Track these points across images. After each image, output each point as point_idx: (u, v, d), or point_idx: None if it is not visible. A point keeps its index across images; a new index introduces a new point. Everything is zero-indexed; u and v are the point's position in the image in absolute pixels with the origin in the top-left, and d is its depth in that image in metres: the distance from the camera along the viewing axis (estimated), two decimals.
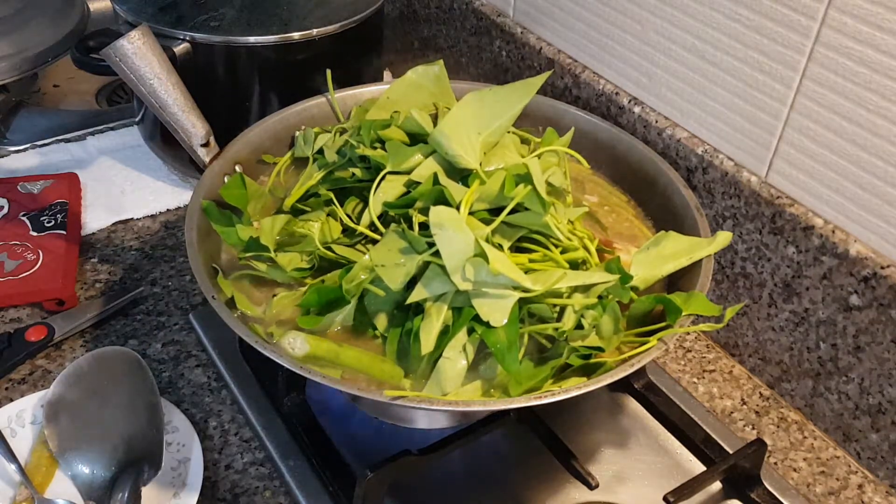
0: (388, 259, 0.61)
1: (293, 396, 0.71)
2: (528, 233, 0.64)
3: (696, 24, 0.77)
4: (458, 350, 0.59)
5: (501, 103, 0.70)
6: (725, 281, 0.81)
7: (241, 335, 0.58)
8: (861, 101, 0.66)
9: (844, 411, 0.73)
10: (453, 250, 0.59)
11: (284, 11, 0.92)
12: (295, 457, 0.69)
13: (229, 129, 0.78)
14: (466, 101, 0.69)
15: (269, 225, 0.67)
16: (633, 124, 0.86)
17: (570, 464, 0.67)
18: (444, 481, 0.70)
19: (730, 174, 0.77)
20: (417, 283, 0.60)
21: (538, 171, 0.64)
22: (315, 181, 0.72)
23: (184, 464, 0.68)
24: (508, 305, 0.58)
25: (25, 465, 0.68)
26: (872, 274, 0.67)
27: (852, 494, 0.71)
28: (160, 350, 0.80)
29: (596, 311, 0.61)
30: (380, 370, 0.61)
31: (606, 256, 0.66)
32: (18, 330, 0.79)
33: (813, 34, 0.68)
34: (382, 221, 0.67)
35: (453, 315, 0.60)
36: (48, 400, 0.70)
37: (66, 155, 1.05)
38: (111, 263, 0.90)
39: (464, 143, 0.66)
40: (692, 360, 0.83)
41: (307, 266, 0.67)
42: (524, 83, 0.71)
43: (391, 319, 0.63)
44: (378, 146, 0.71)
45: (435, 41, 1.14)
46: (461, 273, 0.58)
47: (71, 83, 1.23)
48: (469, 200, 0.63)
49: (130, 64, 0.70)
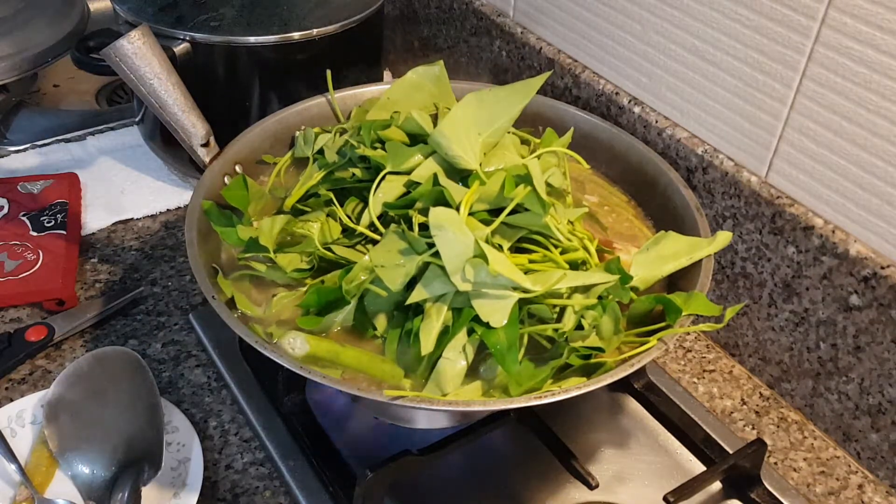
0: (387, 260, 0.61)
1: (293, 396, 0.72)
2: (528, 233, 0.64)
3: (696, 24, 0.77)
4: (458, 351, 0.59)
5: (501, 104, 0.70)
6: (725, 281, 0.81)
7: (241, 335, 0.58)
8: (861, 101, 0.66)
9: (844, 411, 0.73)
10: (453, 251, 0.59)
11: (284, 11, 0.92)
12: (295, 457, 0.69)
13: (229, 129, 0.78)
14: (466, 101, 0.69)
15: (268, 225, 0.67)
16: (633, 124, 0.86)
17: (570, 464, 0.67)
18: (444, 481, 0.70)
19: (730, 174, 0.77)
20: (417, 283, 0.60)
21: (538, 171, 0.63)
22: (315, 181, 0.72)
23: (184, 464, 0.68)
24: (508, 306, 0.58)
25: (25, 465, 0.68)
26: (872, 274, 0.67)
27: (852, 494, 0.71)
28: (160, 350, 0.80)
29: (596, 311, 0.61)
30: (380, 370, 0.61)
31: (606, 256, 0.66)
32: (18, 330, 0.79)
33: (813, 34, 0.68)
34: (382, 222, 0.67)
35: (453, 316, 0.60)
36: (48, 400, 0.70)
37: (66, 155, 1.05)
38: (111, 263, 0.90)
39: (463, 144, 0.66)
40: (692, 360, 0.83)
41: (307, 267, 0.67)
42: (524, 84, 0.71)
43: (391, 320, 0.63)
44: (378, 146, 0.71)
45: (435, 41, 1.14)
46: (461, 274, 0.58)
47: (71, 83, 1.23)
48: (469, 201, 0.63)
49: (130, 64, 0.70)
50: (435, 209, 0.60)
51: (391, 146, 0.69)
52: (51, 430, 0.69)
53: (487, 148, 0.69)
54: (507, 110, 0.70)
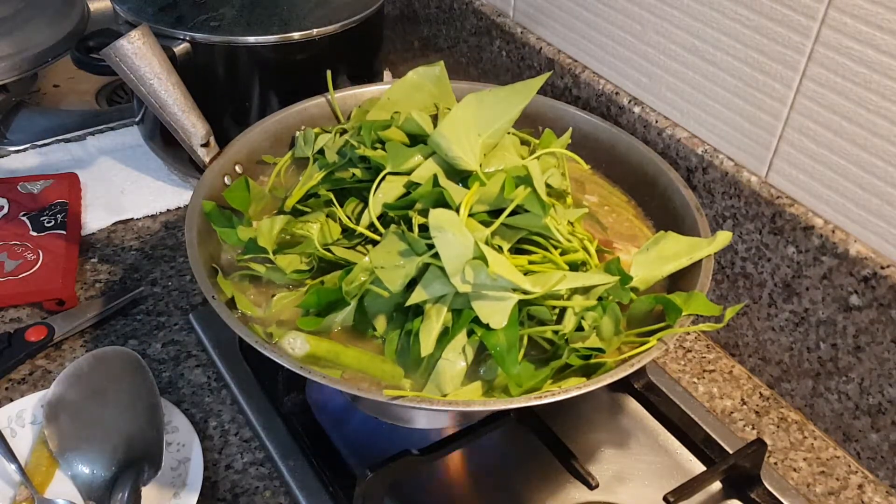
0: (387, 261, 0.61)
1: (293, 396, 0.72)
2: (528, 234, 0.64)
3: (696, 24, 0.77)
4: (458, 352, 0.60)
5: (501, 105, 0.70)
6: (725, 281, 0.81)
7: (241, 335, 0.58)
8: (861, 101, 0.66)
9: (844, 411, 0.73)
10: (453, 253, 0.59)
11: (284, 11, 0.92)
12: (295, 457, 0.69)
13: (229, 129, 0.78)
14: (466, 102, 0.69)
15: (266, 227, 0.67)
16: (633, 124, 0.86)
17: (570, 464, 0.67)
18: (444, 481, 0.70)
19: (730, 174, 0.77)
20: (417, 284, 0.60)
21: (538, 173, 0.63)
22: (315, 182, 0.72)
23: (184, 464, 0.68)
24: (508, 308, 0.58)
25: (25, 465, 0.68)
26: (872, 274, 0.67)
27: (852, 494, 0.71)
28: (160, 350, 0.80)
29: (596, 312, 0.61)
30: (380, 370, 0.61)
31: (606, 257, 0.66)
32: (18, 330, 0.79)
33: (813, 34, 0.68)
34: (382, 222, 0.67)
35: (453, 317, 0.60)
36: (48, 400, 0.70)
37: (66, 155, 1.05)
38: (111, 263, 0.90)
39: (463, 145, 0.66)
40: (692, 360, 0.83)
41: (306, 268, 0.67)
42: (524, 84, 0.71)
43: (391, 321, 0.63)
44: (378, 147, 0.71)
45: (435, 41, 1.14)
46: (461, 276, 0.58)
47: (71, 83, 1.23)
48: (469, 203, 0.63)
49: (130, 64, 0.70)
50: (435, 210, 0.60)
51: (391, 146, 0.69)
52: (51, 430, 0.69)
53: (487, 149, 0.69)
54: (507, 111, 0.70)
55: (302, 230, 0.67)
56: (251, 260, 0.68)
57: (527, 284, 0.59)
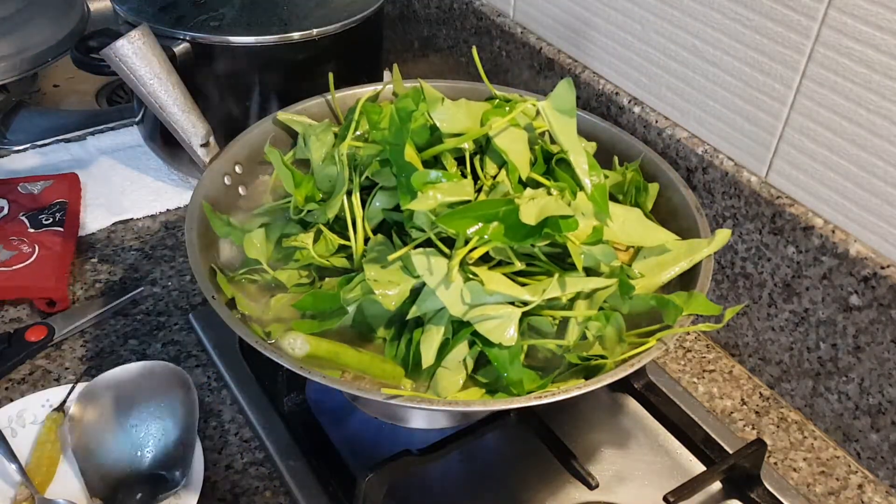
0: (384, 277, 0.61)
1: (293, 396, 0.72)
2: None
3: (696, 24, 0.77)
4: (458, 362, 0.60)
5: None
6: (725, 281, 0.81)
7: (241, 335, 0.58)
8: (861, 101, 0.66)
9: (844, 411, 0.73)
10: (447, 296, 0.58)
11: (284, 11, 0.92)
12: (295, 457, 0.69)
13: (229, 129, 0.78)
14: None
15: (253, 240, 0.67)
16: (633, 124, 0.86)
17: (570, 464, 0.67)
18: (444, 481, 0.70)
19: (730, 174, 0.77)
20: (418, 296, 0.60)
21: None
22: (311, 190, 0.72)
23: None
24: (513, 322, 0.58)
25: (25, 465, 0.67)
26: (872, 274, 0.67)
27: (852, 494, 0.71)
28: (160, 350, 0.80)
29: (599, 321, 0.61)
30: (380, 370, 0.61)
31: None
32: (18, 330, 0.79)
33: (813, 34, 0.68)
34: (382, 230, 0.67)
35: (453, 328, 0.60)
36: (86, 388, 0.70)
37: (66, 155, 1.05)
38: (111, 263, 0.90)
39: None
40: (692, 360, 0.83)
41: (307, 281, 0.67)
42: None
43: (391, 326, 0.63)
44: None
45: (435, 41, 1.14)
46: (458, 306, 0.58)
47: (71, 83, 1.23)
48: (461, 255, 0.60)
49: (130, 64, 0.70)
50: (419, 258, 0.59)
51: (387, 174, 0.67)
52: (76, 420, 0.68)
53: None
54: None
55: (296, 242, 0.67)
56: (249, 272, 0.67)
57: (525, 294, 0.58)
